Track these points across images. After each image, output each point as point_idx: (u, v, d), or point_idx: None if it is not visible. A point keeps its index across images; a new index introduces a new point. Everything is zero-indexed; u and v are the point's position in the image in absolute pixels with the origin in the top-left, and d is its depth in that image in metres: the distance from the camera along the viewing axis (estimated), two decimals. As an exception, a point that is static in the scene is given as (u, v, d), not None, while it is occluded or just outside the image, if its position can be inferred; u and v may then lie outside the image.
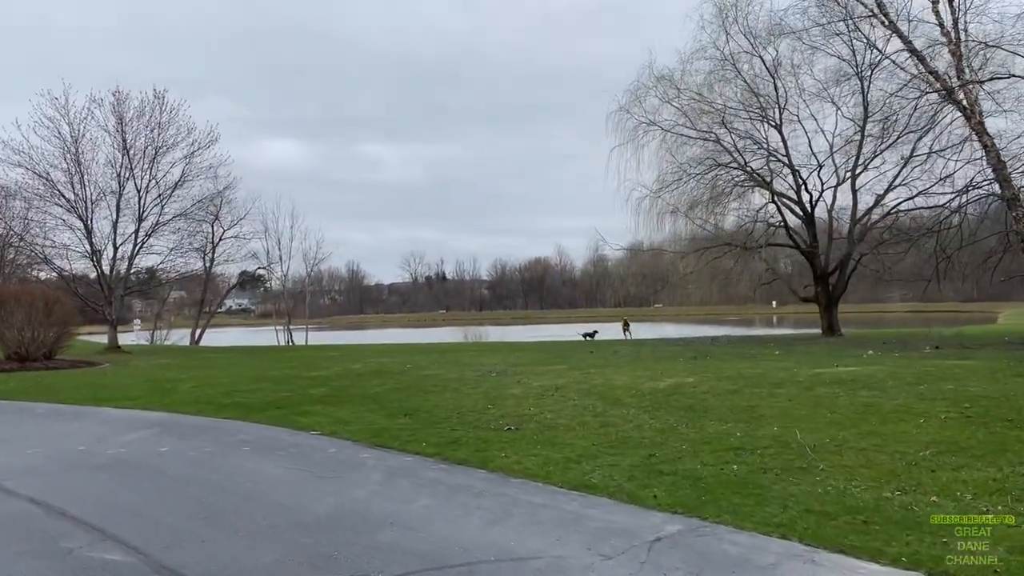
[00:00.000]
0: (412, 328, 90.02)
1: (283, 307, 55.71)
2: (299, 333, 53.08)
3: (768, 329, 44.88)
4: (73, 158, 28.31)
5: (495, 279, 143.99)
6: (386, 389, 12.37)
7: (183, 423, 10.11)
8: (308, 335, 55.03)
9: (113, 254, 29.34)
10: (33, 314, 20.22)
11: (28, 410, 11.82)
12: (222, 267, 43.86)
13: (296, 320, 55.91)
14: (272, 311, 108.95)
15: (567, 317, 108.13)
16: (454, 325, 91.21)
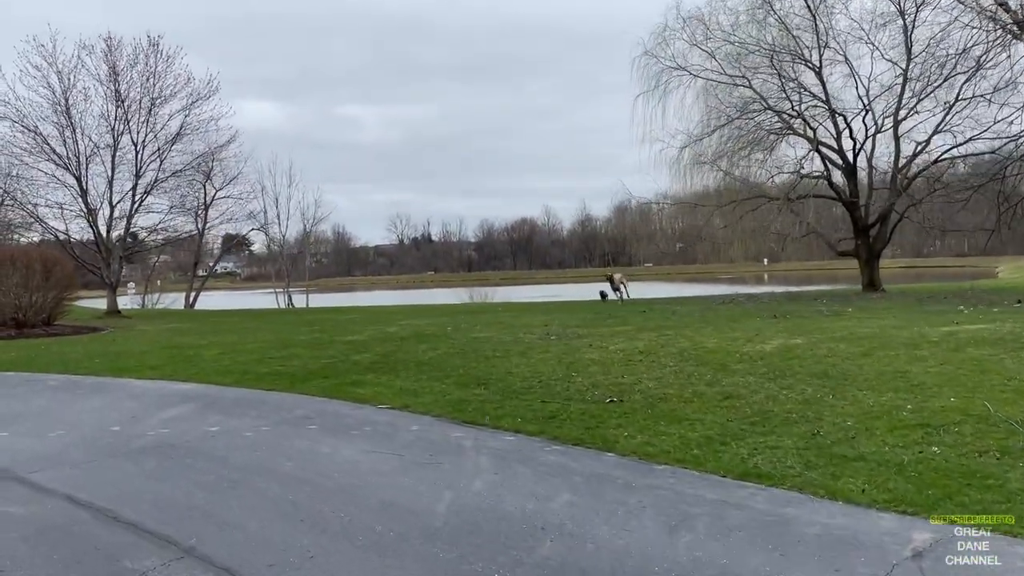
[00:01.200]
0: (402, 290, 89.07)
1: (282, 269, 54.21)
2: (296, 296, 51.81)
3: (778, 286, 43.60)
4: (63, 110, 26.69)
5: (482, 240, 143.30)
6: (440, 354, 11.21)
7: (224, 396, 8.94)
8: (308, 298, 53.85)
9: (110, 213, 27.87)
10: (30, 277, 18.90)
11: (38, 382, 10.63)
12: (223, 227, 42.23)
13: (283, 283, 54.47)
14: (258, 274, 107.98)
15: (558, 277, 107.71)
16: (444, 286, 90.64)
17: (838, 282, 45.16)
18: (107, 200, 27.94)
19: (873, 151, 27.14)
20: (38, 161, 26.94)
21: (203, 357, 12.43)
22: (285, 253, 54.53)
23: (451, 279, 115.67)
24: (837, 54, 26.73)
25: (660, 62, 27.99)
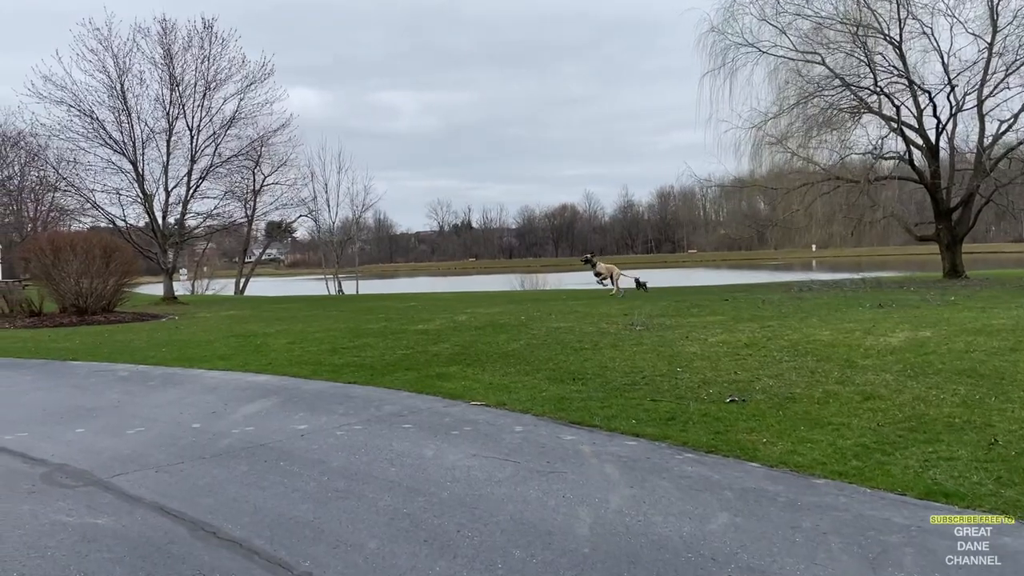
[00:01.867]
0: (444, 276, 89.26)
1: (331, 255, 54.21)
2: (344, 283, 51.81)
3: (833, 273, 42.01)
4: (119, 95, 26.72)
5: (522, 226, 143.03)
6: (522, 346, 10.63)
7: (304, 390, 8.47)
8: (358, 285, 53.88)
9: (165, 198, 27.94)
10: (91, 263, 18.85)
11: (107, 373, 10.33)
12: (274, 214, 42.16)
13: (331, 269, 54.47)
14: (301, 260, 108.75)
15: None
16: (486, 273, 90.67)
17: (893, 268, 43.59)
18: (162, 185, 28.03)
19: (954, 131, 25.79)
20: (94, 146, 27.10)
21: (272, 346, 12.05)
22: (335, 239, 54.54)
23: (492, 265, 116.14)
24: (918, 27, 25.41)
25: (727, 38, 26.90)
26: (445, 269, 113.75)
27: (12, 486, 5.29)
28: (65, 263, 18.62)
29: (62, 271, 18.57)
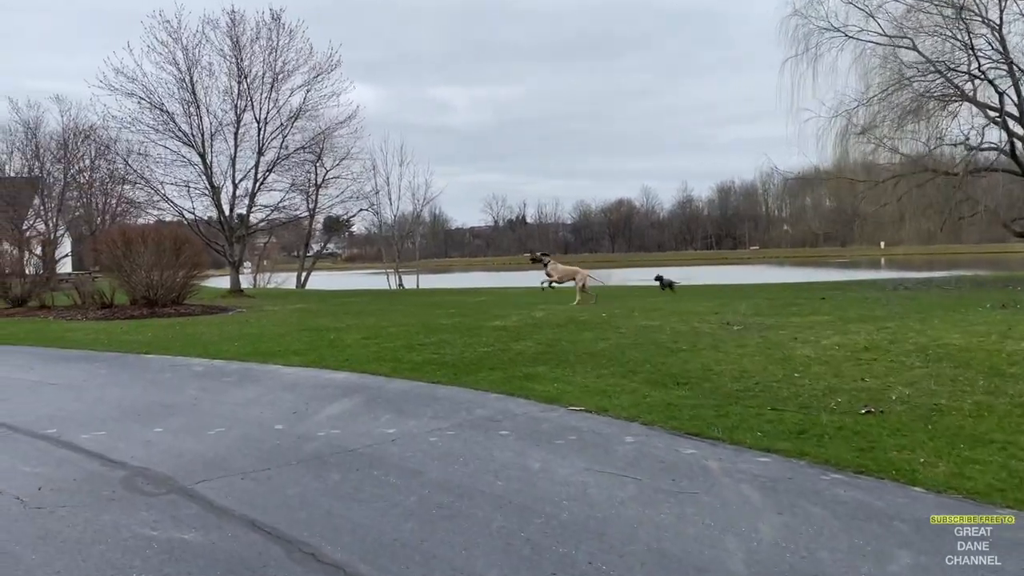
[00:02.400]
0: (499, 272, 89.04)
1: (393, 249, 54.31)
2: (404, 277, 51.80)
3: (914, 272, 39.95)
4: (188, 87, 26.97)
5: (578, 221, 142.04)
6: (612, 345, 10.04)
7: (387, 389, 8.04)
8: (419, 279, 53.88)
9: (232, 191, 28.14)
10: (161, 255, 18.92)
11: (182, 368, 10.10)
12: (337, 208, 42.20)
13: (389, 263, 54.49)
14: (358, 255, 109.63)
15: (658, 260, 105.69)
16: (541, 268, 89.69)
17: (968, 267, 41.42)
18: (229, 178, 28.22)
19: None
20: (164, 139, 27.43)
21: (346, 342, 11.70)
22: (396, 233, 54.60)
23: None
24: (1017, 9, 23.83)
25: (811, 23, 25.74)
26: (499, 264, 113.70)
27: (92, 492, 4.94)
28: (136, 255, 18.73)
29: (133, 263, 18.67)
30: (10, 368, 10.20)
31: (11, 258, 21.16)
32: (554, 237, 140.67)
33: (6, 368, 10.20)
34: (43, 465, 5.58)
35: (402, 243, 56.59)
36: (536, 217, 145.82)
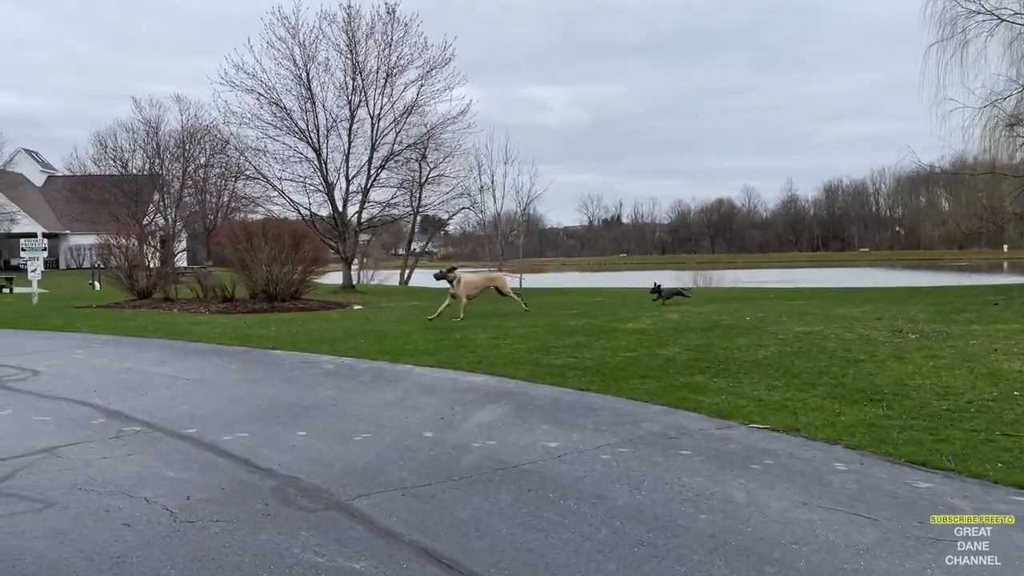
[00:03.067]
0: (595, 272, 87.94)
1: (498, 248, 54.24)
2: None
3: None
4: (305, 83, 27.35)
5: (675, 222, 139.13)
6: (773, 353, 9.13)
7: (533, 396, 7.44)
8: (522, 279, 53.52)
9: (346, 187, 28.39)
10: (281, 250, 19.05)
11: (312, 365, 9.82)
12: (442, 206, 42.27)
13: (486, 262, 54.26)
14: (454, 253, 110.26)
15: (761, 261, 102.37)
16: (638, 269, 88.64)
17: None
18: (343, 174, 28.47)
19: None
20: (281, 135, 27.92)
21: (475, 342, 11.21)
22: (500, 232, 54.44)
23: (645, 262, 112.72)
24: None
25: (958, 5, 23.74)
26: (595, 264, 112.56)
27: (244, 504, 4.51)
28: (257, 250, 18.93)
29: (254, 257, 18.88)
30: (145, 362, 10.19)
31: (134, 252, 21.82)
32: (651, 238, 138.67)
33: (141, 362, 10.19)
34: (188, 470, 5.23)
35: (505, 242, 56.45)
36: (632, 217, 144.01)
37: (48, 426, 6.46)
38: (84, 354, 10.93)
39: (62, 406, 7.29)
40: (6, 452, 5.62)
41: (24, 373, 9.17)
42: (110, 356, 10.72)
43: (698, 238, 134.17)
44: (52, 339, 13.00)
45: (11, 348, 11.71)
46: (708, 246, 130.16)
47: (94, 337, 13.13)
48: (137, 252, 21.19)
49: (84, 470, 5.17)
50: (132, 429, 6.35)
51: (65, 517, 4.30)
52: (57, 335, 13.64)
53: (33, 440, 5.97)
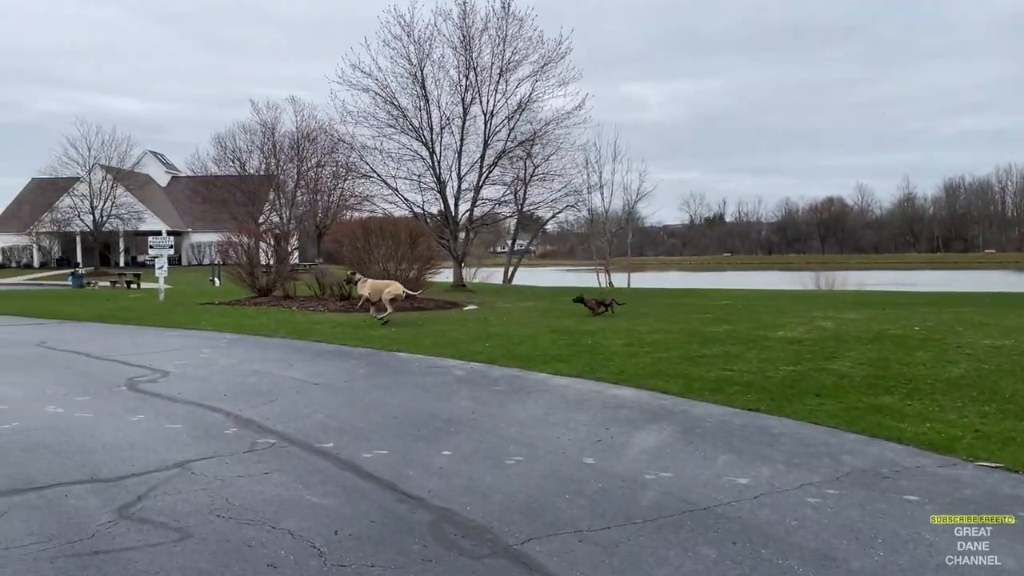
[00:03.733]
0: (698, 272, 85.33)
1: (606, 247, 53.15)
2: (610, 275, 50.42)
3: None
4: (419, 81, 27.24)
5: (782, 221, 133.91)
6: (969, 371, 7.97)
7: (697, 416, 6.62)
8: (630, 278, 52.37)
9: (458, 185, 28.14)
10: (397, 247, 18.82)
11: (441, 370, 9.29)
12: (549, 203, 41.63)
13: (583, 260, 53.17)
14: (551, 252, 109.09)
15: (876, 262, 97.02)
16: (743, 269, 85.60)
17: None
18: (455, 172, 28.22)
19: None
20: (395, 133, 27.92)
21: (608, 348, 10.46)
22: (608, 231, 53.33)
23: (750, 262, 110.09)
24: None
25: None
26: (698, 264, 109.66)
27: (399, 544, 3.92)
28: (374, 248, 18.76)
29: (372, 255, 18.72)
30: (271, 363, 9.94)
31: (250, 249, 22.11)
32: (756, 237, 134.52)
33: (268, 363, 9.94)
34: (330, 494, 4.71)
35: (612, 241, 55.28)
36: (736, 215, 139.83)
37: (180, 435, 6.12)
38: (211, 354, 10.81)
39: (193, 412, 6.99)
40: (140, 466, 5.27)
41: (155, 374, 9.03)
42: (237, 356, 10.55)
43: (807, 238, 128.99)
44: (179, 337, 13.06)
45: (142, 346, 11.77)
46: (818, 246, 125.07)
47: (219, 336, 13.11)
48: (253, 250, 21.46)
49: (220, 491, 4.73)
50: (266, 441, 5.93)
51: (204, 553, 3.81)
52: (184, 332, 13.73)
53: (167, 452, 5.62)
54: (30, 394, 7.81)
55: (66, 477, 5.02)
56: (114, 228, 59.78)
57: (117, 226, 59.68)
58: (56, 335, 13.17)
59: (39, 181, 61.81)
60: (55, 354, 10.78)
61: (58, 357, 10.46)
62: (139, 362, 9.95)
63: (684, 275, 75.23)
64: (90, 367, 9.61)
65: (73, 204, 57.98)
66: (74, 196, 58.33)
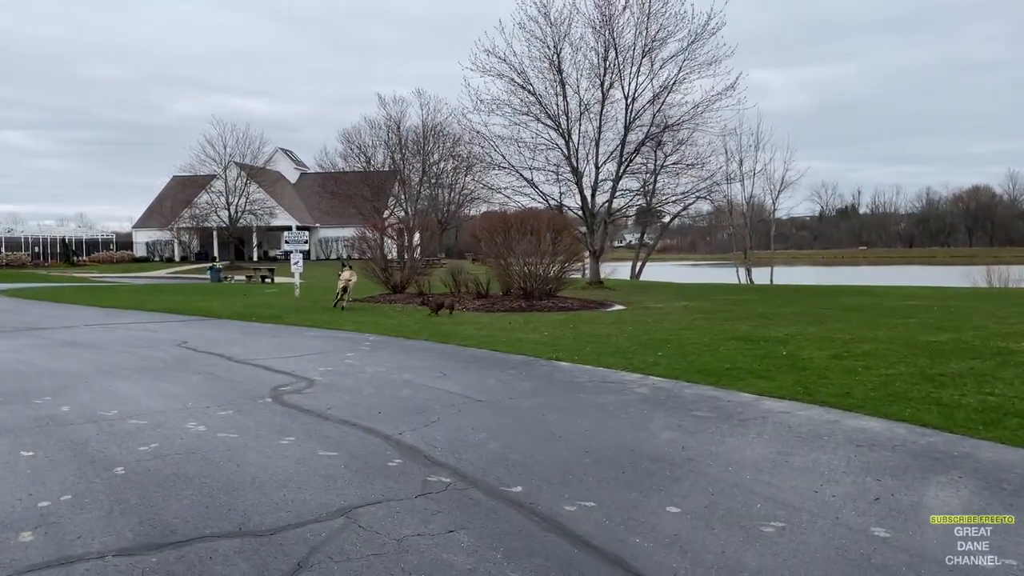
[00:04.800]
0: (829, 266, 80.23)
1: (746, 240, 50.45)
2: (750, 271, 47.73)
3: None
4: (555, 66, 26.09)
5: (923, 212, 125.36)
6: None
7: (992, 463, 5.09)
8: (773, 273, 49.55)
9: (595, 175, 26.80)
10: (538, 242, 17.74)
11: (618, 386, 8.07)
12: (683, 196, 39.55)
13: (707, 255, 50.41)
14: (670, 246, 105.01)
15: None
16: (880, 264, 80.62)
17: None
18: (592, 161, 26.90)
19: None
20: (528, 120, 26.89)
21: (813, 361, 8.93)
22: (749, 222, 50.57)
23: (888, 256, 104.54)
24: None
25: None
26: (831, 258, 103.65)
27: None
28: (513, 242, 17.77)
29: (512, 251, 17.73)
30: (422, 372, 9.01)
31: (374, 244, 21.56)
32: (893, 229, 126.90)
33: (418, 372, 9.02)
34: (538, 570, 3.57)
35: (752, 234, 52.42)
36: (871, 206, 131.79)
37: (338, 468, 5.17)
38: (356, 359, 10.02)
39: (348, 435, 6.06)
40: (297, 513, 4.31)
41: (299, 382, 8.26)
42: (383, 363, 9.70)
43: (952, 230, 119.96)
44: (320, 338, 12.44)
45: (284, 348, 11.17)
46: (963, 238, 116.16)
47: (360, 337, 12.40)
48: (391, 246, 20.92)
49: (398, 560, 3.69)
50: (440, 480, 4.88)
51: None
52: (324, 333, 13.13)
53: (325, 492, 4.66)
54: (170, 406, 7.16)
55: (210, 527, 4.12)
56: (247, 223, 61.98)
57: (250, 221, 61.83)
58: (197, 334, 12.85)
59: (180, 179, 64.90)
60: (196, 357, 10.29)
61: (199, 360, 9.94)
62: (282, 367, 9.26)
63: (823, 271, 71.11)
64: (232, 373, 8.97)
65: (210, 200, 60.52)
66: (211, 192, 60.88)
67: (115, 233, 74.50)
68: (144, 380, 8.48)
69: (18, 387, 8.07)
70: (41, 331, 13.15)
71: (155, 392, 7.82)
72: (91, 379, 8.52)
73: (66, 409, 7.00)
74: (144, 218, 70.74)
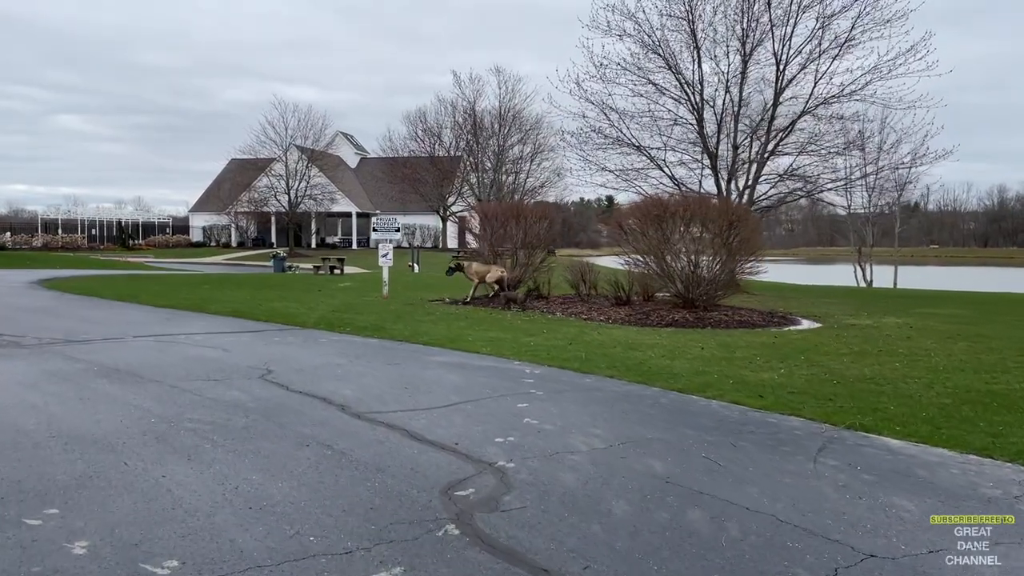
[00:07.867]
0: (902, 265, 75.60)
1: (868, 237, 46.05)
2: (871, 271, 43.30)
3: None
4: (688, 24, 22.44)
5: (996, 210, 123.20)
6: None
7: None
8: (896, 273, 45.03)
9: (732, 156, 23.07)
10: (714, 237, 14.18)
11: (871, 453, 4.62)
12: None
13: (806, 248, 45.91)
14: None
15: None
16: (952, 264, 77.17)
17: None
18: (729, 139, 23.18)
19: None
20: (653, 92, 23.33)
21: None
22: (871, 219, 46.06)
23: (960, 255, 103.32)
24: None
25: None
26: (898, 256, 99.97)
27: None
28: (673, 236, 14.24)
29: (671, 248, 14.20)
30: (675, 458, 5.58)
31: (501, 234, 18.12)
32: (965, 228, 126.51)
33: (652, 449, 5.63)
34: None
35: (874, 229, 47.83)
36: (940, 204, 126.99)
37: None
38: (537, 416, 6.63)
39: None
40: None
41: (481, 475, 4.93)
42: (588, 429, 6.29)
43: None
44: (455, 368, 9.03)
45: (414, 387, 7.86)
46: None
47: (512, 368, 9.01)
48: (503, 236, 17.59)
49: None
50: None
51: None
52: (455, 357, 9.78)
53: None
54: (277, 540, 3.88)
55: None
56: (307, 209, 59.80)
57: (310, 207, 59.65)
58: (282, 356, 9.62)
59: (238, 161, 63.04)
60: (292, 403, 6.99)
61: (299, 412, 6.64)
62: (433, 431, 5.95)
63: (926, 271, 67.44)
64: (360, 446, 5.62)
65: (270, 184, 58.50)
66: (271, 176, 58.84)
67: (171, 217, 73.36)
68: (219, 460, 5.20)
69: (9, 477, 4.82)
70: (75, 346, 10.12)
71: (241, 496, 4.52)
72: (131, 457, 5.24)
73: (81, 549, 3.77)
74: (201, 201, 69.19)
